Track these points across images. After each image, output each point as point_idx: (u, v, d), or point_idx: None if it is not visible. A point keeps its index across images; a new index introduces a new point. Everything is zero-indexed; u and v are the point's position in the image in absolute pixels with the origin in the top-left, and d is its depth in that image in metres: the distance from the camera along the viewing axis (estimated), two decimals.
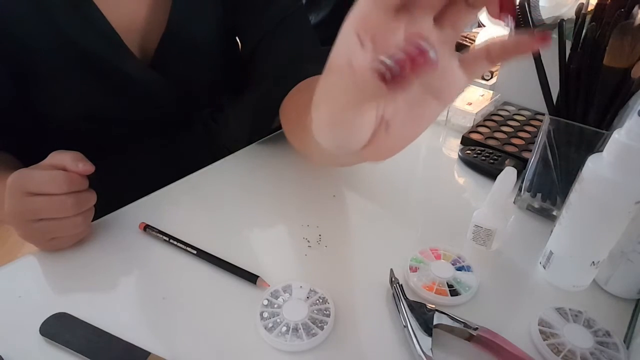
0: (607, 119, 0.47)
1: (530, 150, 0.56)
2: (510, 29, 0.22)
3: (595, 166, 0.39)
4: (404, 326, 0.39)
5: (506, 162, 0.63)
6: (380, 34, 0.23)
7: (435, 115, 0.26)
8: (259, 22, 0.58)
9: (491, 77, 0.87)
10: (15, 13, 0.47)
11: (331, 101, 0.25)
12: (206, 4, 0.57)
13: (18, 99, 0.53)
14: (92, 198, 0.46)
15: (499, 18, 0.22)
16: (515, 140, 0.69)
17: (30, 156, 0.48)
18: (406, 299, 0.40)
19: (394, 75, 0.20)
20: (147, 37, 0.55)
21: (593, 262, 0.42)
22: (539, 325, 0.39)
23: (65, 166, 0.43)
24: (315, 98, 0.27)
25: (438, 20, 0.24)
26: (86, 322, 0.39)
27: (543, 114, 0.67)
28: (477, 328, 0.38)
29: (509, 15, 0.21)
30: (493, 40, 0.24)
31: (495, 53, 0.23)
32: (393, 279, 0.43)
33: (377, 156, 0.27)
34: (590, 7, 0.49)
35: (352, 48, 0.23)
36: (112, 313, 0.41)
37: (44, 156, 0.45)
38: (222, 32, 0.62)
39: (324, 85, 0.26)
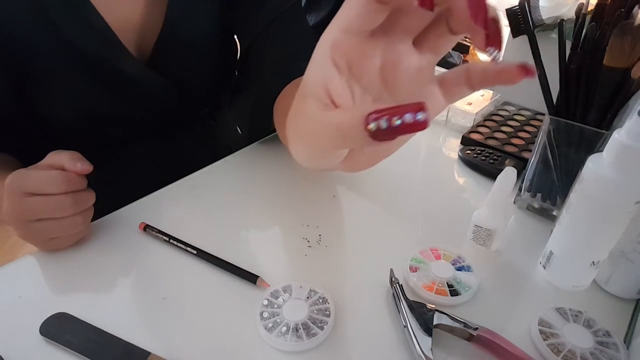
0: (607, 119, 0.47)
1: (530, 150, 0.56)
2: (496, 59, 0.21)
3: (595, 166, 0.39)
4: (404, 326, 0.39)
5: (506, 162, 0.63)
6: (355, 59, 0.22)
7: (411, 135, 0.26)
8: (254, 19, 0.58)
9: None
10: (12, 14, 0.47)
11: (311, 143, 0.24)
12: (203, 2, 0.57)
13: (18, 100, 0.53)
14: (90, 197, 0.46)
15: (485, 51, 0.21)
16: (515, 140, 0.69)
17: (30, 156, 0.48)
18: (406, 299, 0.40)
19: (384, 132, 0.19)
20: (144, 36, 0.55)
21: (593, 262, 0.42)
22: (539, 325, 0.39)
23: (63, 166, 0.43)
24: (292, 126, 0.26)
25: (417, 43, 0.23)
26: (86, 322, 0.39)
27: (543, 114, 0.67)
28: (477, 328, 0.38)
29: (496, 49, 0.20)
30: (474, 65, 0.23)
31: (476, 79, 0.23)
32: (393, 279, 0.43)
33: (353, 169, 0.27)
34: (590, 7, 0.49)
35: (327, 74, 0.22)
36: (112, 313, 0.41)
37: (44, 156, 0.45)
38: (219, 30, 0.62)
39: (301, 113, 0.25)
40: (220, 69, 0.70)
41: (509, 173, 0.45)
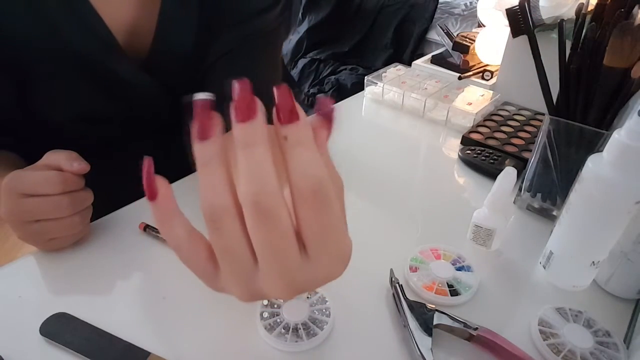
0: (607, 119, 0.47)
1: (530, 150, 0.56)
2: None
3: (595, 166, 0.39)
4: (404, 326, 0.39)
5: (506, 162, 0.63)
6: None
7: None
8: (225, 38, 0.56)
9: (491, 77, 0.87)
10: (11, 14, 0.46)
11: None
12: (192, 9, 0.56)
13: (17, 100, 0.53)
14: (88, 197, 0.46)
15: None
16: (515, 140, 0.69)
17: (30, 156, 0.48)
18: (406, 299, 0.40)
19: None
20: (140, 39, 0.55)
21: (593, 262, 0.42)
22: (539, 325, 0.39)
23: (60, 166, 0.43)
24: None
25: None
26: (86, 322, 0.39)
27: (543, 114, 0.67)
28: (477, 328, 0.38)
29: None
30: None
31: None
32: (393, 279, 0.43)
33: None
34: (590, 7, 0.49)
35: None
36: (112, 313, 0.41)
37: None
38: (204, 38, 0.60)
39: None
40: None
41: (509, 173, 0.45)
